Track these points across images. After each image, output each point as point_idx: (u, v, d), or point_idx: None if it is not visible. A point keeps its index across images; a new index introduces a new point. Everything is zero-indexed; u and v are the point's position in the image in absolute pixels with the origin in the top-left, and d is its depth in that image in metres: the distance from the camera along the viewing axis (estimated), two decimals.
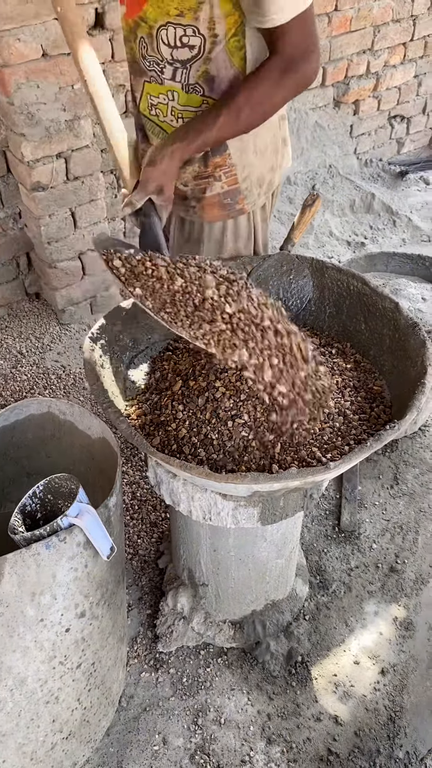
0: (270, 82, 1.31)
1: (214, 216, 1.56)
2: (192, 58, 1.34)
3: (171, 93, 1.41)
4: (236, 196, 1.52)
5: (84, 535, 1.16)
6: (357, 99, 3.65)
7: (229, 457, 1.18)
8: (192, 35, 1.31)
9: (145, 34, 1.36)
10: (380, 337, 1.40)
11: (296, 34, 1.27)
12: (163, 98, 1.43)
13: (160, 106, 1.45)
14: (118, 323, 1.41)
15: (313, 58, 1.30)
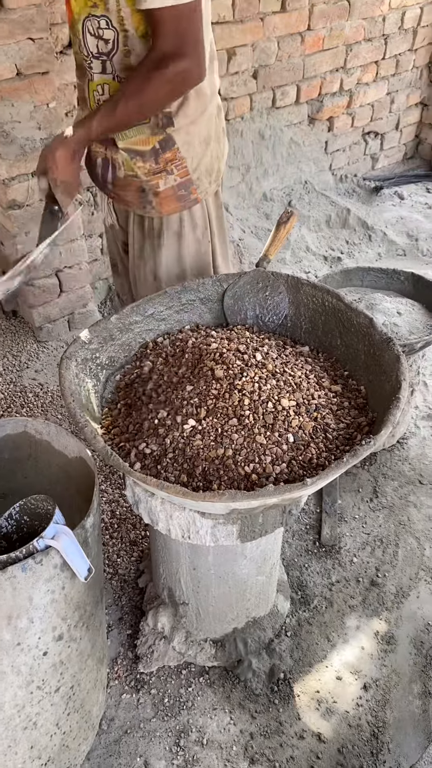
0: (140, 77, 1.36)
1: (171, 208, 1.62)
2: (110, 51, 1.40)
3: (102, 86, 1.48)
4: (189, 186, 1.59)
5: (61, 556, 1.15)
6: (331, 116, 3.71)
7: (207, 475, 1.18)
8: (106, 27, 1.38)
9: (78, 31, 1.42)
10: (356, 352, 1.41)
11: (169, 27, 1.30)
12: (99, 92, 1.48)
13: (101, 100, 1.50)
14: (95, 341, 1.41)
15: (186, 59, 1.33)
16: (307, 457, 1.19)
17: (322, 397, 1.31)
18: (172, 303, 1.55)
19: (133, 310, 1.49)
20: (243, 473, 1.17)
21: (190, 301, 1.57)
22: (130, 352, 1.50)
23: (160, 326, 1.55)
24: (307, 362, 1.40)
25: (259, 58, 3.17)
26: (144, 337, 1.53)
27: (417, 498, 2.20)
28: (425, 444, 2.41)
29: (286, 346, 1.48)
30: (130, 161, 1.54)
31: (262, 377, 1.33)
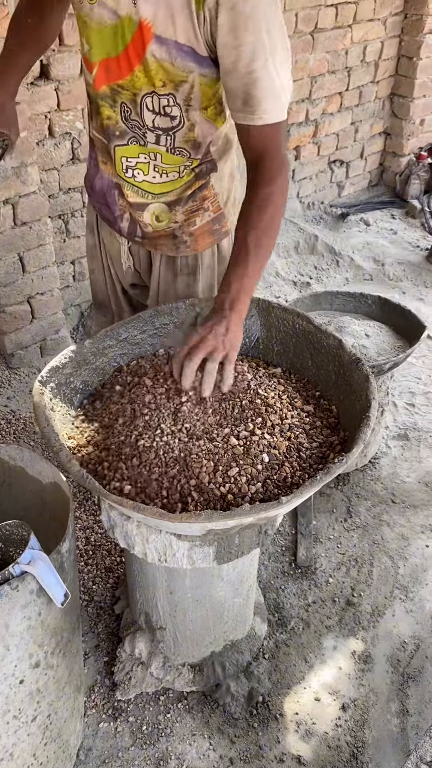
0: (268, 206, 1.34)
1: (206, 244, 1.63)
2: (174, 128, 1.40)
3: (153, 154, 1.45)
4: (221, 220, 1.61)
5: (37, 582, 1.14)
6: (298, 145, 3.80)
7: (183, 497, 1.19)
8: (173, 105, 1.36)
9: (127, 101, 1.38)
10: (326, 373, 1.44)
11: (277, 140, 1.33)
12: (144, 158, 1.46)
13: (140, 166, 1.48)
14: (68, 366, 1.41)
15: (286, 165, 1.37)
16: (282, 476, 1.20)
17: (295, 417, 1.33)
18: (146, 327, 1.57)
19: (107, 334, 1.51)
20: (219, 494, 1.18)
21: (163, 325, 1.59)
22: (104, 377, 1.51)
23: (134, 350, 1.56)
24: (279, 383, 1.42)
25: None
26: (118, 361, 1.54)
27: (390, 517, 2.23)
28: (396, 463, 2.45)
29: (259, 367, 1.50)
30: (168, 213, 1.55)
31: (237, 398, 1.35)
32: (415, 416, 2.68)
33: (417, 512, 2.25)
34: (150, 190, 1.52)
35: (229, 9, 1.18)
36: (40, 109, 2.51)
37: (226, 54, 1.24)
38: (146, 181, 1.50)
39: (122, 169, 1.50)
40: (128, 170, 1.49)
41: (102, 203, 1.64)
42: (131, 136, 1.44)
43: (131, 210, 1.57)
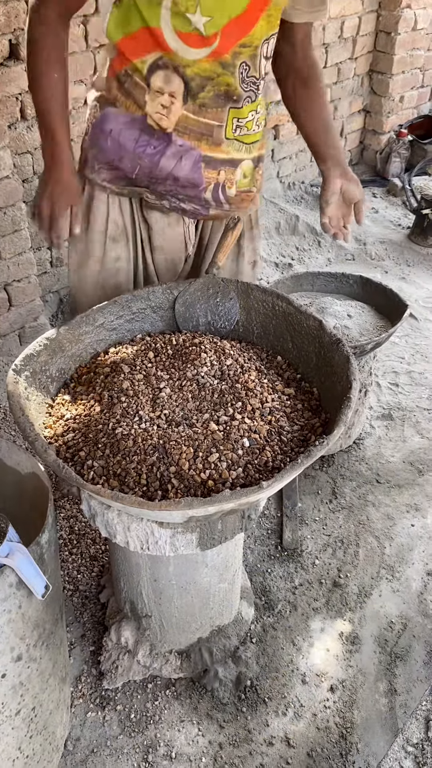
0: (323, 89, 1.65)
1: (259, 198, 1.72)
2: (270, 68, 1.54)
3: (260, 106, 1.51)
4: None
5: (16, 575, 1.12)
6: (277, 124, 3.75)
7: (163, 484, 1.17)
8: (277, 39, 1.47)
9: (248, 58, 1.40)
10: (307, 355, 1.42)
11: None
12: (251, 115, 1.50)
13: (248, 124, 1.50)
14: (44, 354, 1.38)
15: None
16: (263, 461, 1.19)
17: (275, 400, 1.31)
18: (123, 312, 1.54)
19: (83, 320, 1.47)
20: (199, 480, 1.16)
21: (141, 310, 1.56)
22: (81, 364, 1.48)
23: (111, 336, 1.53)
24: (259, 366, 1.40)
25: None
26: (95, 348, 1.51)
27: (375, 497, 2.22)
28: (381, 443, 2.45)
29: (240, 350, 1.48)
30: (253, 170, 1.59)
31: (217, 382, 1.33)
32: (398, 396, 2.67)
33: (402, 492, 2.25)
34: (250, 141, 1.54)
35: None
36: (10, 91, 2.44)
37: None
38: (248, 134, 1.52)
39: (232, 130, 1.48)
40: (237, 129, 1.49)
41: (170, 188, 1.52)
42: (246, 96, 1.45)
43: (224, 171, 1.52)
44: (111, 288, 1.66)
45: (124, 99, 1.44)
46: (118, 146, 1.48)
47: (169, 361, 1.43)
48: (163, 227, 1.62)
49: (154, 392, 1.34)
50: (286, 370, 1.44)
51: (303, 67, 1.58)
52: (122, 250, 1.64)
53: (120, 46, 1.39)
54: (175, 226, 1.62)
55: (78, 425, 1.30)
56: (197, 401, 1.32)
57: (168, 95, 1.39)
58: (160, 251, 1.66)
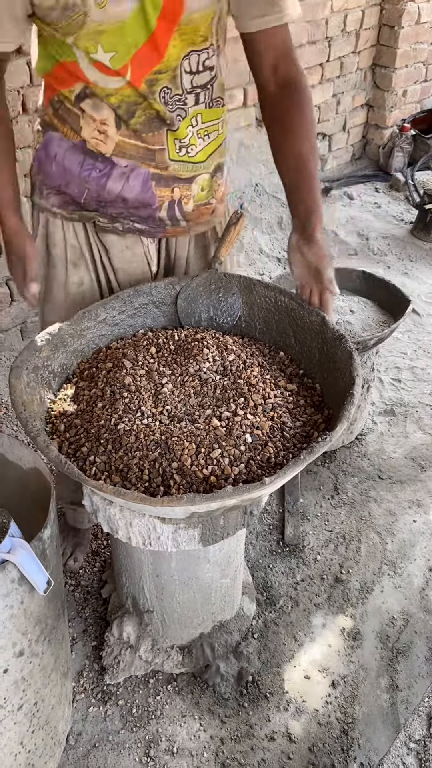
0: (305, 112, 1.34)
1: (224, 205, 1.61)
2: (211, 79, 1.34)
3: (194, 119, 1.37)
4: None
5: (18, 570, 1.12)
6: None
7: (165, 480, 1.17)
8: (212, 56, 1.31)
9: (167, 81, 1.28)
10: (310, 350, 1.42)
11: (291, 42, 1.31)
12: (190, 130, 1.37)
13: (192, 141, 1.40)
14: (45, 349, 1.38)
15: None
16: (265, 457, 1.18)
17: (278, 396, 1.30)
18: (125, 307, 1.53)
19: (85, 315, 1.47)
20: (202, 476, 1.16)
21: (143, 305, 1.55)
22: (83, 359, 1.47)
23: (113, 331, 1.53)
24: (262, 362, 1.40)
25: None
26: (97, 343, 1.50)
27: (377, 493, 2.22)
28: (383, 439, 2.44)
29: (243, 346, 1.47)
30: (211, 181, 1.48)
31: (219, 378, 1.32)
32: (401, 392, 2.67)
33: (404, 487, 2.24)
34: (199, 160, 1.43)
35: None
36: (13, 85, 2.43)
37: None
38: (197, 152, 1.41)
39: (176, 151, 1.39)
40: (181, 149, 1.39)
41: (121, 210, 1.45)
42: (176, 116, 1.33)
43: (178, 188, 1.44)
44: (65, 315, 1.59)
45: (61, 125, 1.38)
46: (64, 170, 1.41)
47: (171, 356, 1.43)
48: (120, 249, 1.54)
49: (157, 388, 1.34)
50: (288, 365, 1.43)
51: (269, 84, 1.35)
52: (84, 273, 1.56)
53: (46, 80, 1.36)
54: (134, 247, 1.54)
55: (80, 421, 1.29)
56: (199, 397, 1.31)
57: (100, 122, 1.33)
58: (123, 272, 1.58)
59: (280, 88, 1.34)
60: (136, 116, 1.32)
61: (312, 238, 1.36)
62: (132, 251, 1.54)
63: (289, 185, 1.40)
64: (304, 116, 1.34)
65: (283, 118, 1.35)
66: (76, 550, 1.94)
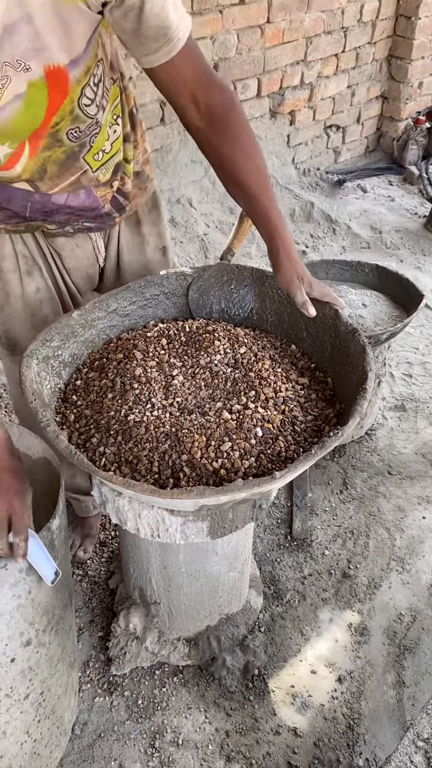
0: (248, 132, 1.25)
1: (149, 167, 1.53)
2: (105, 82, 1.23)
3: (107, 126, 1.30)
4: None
5: (26, 560, 1.12)
6: (293, 109, 3.70)
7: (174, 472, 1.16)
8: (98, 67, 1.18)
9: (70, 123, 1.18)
10: (322, 344, 1.40)
11: (198, 51, 1.17)
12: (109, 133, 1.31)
13: (112, 144, 1.33)
14: (56, 339, 1.37)
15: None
16: (276, 451, 1.17)
17: (289, 389, 1.29)
18: (136, 298, 1.52)
19: (96, 305, 1.46)
20: (211, 469, 1.15)
21: (154, 296, 1.54)
22: (93, 349, 1.47)
23: (124, 322, 1.52)
24: (273, 355, 1.39)
25: (218, 51, 3.15)
26: (108, 334, 1.50)
27: (386, 489, 2.21)
28: (393, 435, 2.43)
29: (255, 339, 1.46)
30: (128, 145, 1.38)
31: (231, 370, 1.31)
32: (412, 387, 2.65)
33: (413, 483, 2.23)
34: (116, 148, 1.35)
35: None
36: None
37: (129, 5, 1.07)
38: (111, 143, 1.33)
39: (97, 163, 1.32)
40: (99, 154, 1.31)
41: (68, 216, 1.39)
42: (90, 136, 1.25)
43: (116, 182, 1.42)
44: (39, 320, 1.55)
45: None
46: (3, 188, 1.28)
47: (182, 348, 1.42)
48: (72, 249, 1.51)
49: (167, 379, 1.33)
50: (300, 359, 1.42)
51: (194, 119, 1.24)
52: (39, 281, 1.51)
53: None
54: (84, 244, 1.51)
55: (90, 411, 1.29)
56: (210, 389, 1.30)
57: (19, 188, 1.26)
58: (76, 271, 1.56)
59: (207, 120, 1.23)
60: (49, 171, 1.24)
61: (278, 266, 1.31)
62: (82, 248, 1.52)
63: (248, 213, 1.34)
64: (240, 144, 1.25)
65: (220, 153, 1.26)
66: (84, 541, 1.94)
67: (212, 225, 3.45)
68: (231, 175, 1.28)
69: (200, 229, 3.37)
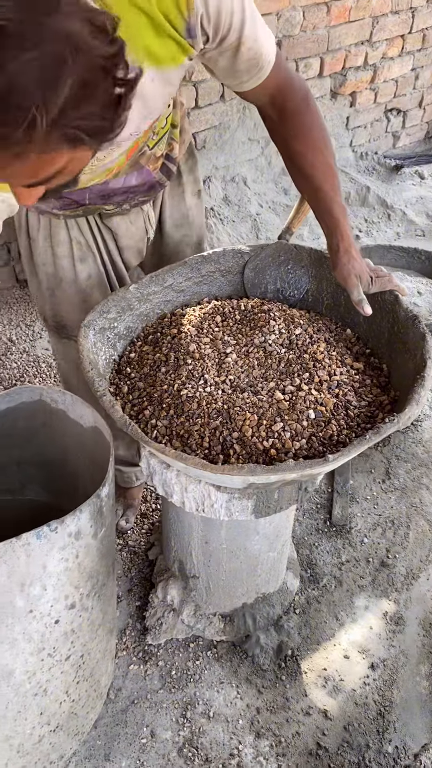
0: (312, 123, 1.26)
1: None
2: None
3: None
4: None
5: (76, 525, 1.14)
6: (354, 91, 3.63)
7: (225, 449, 1.16)
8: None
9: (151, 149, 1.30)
10: (379, 329, 1.38)
11: (282, 61, 1.20)
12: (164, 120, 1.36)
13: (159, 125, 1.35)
14: (113, 310, 1.38)
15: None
16: (328, 434, 1.17)
17: (344, 374, 1.28)
18: (192, 274, 1.52)
19: (152, 279, 1.47)
20: (262, 448, 1.15)
21: (209, 273, 1.54)
22: (147, 323, 1.48)
23: (179, 298, 1.53)
24: (329, 338, 1.37)
25: (283, 28, 3.09)
26: (162, 309, 1.50)
27: (430, 481, 2.18)
28: None
29: (310, 320, 1.45)
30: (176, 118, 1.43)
31: (285, 351, 1.31)
32: None
33: None
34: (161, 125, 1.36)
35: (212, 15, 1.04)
36: None
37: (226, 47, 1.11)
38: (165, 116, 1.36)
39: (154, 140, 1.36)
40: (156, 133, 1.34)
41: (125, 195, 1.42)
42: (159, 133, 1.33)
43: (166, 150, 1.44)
44: (89, 306, 1.56)
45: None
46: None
47: (236, 326, 1.42)
48: (126, 227, 1.52)
49: (220, 357, 1.33)
50: (355, 344, 1.41)
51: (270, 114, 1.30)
52: (92, 267, 1.54)
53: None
54: (137, 220, 1.53)
55: (143, 384, 1.30)
56: (263, 369, 1.30)
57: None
58: (128, 249, 1.57)
59: (280, 115, 1.28)
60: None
61: (336, 262, 1.31)
62: (135, 225, 1.53)
63: (311, 205, 1.36)
64: (310, 140, 1.28)
65: (290, 147, 1.30)
66: (127, 511, 1.97)
67: (265, 205, 3.42)
68: (298, 167, 1.31)
69: (253, 208, 3.34)
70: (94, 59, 0.71)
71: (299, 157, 1.29)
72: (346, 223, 1.31)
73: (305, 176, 1.31)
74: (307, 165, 1.29)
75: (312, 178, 1.30)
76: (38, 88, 0.66)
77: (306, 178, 1.31)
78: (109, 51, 0.73)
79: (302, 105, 1.25)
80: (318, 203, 1.32)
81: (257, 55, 1.14)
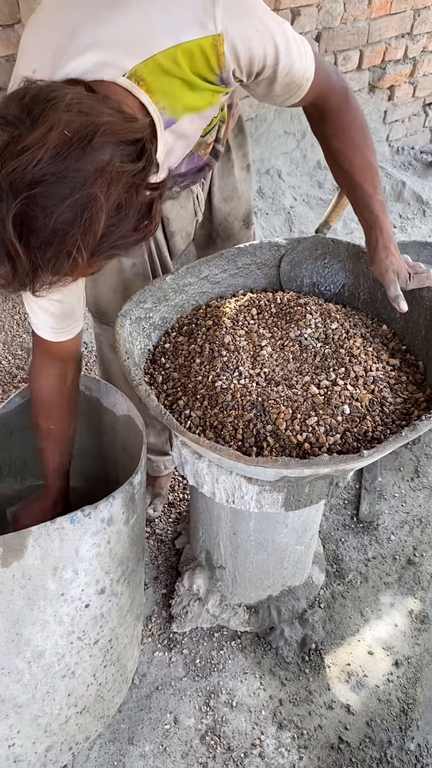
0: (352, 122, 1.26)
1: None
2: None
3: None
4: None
5: (109, 511, 1.16)
6: (392, 84, 3.59)
7: (258, 442, 1.17)
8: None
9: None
10: (416, 326, 1.37)
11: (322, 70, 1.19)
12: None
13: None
14: (149, 300, 1.39)
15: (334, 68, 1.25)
16: (362, 430, 1.16)
17: (380, 369, 1.28)
18: (228, 266, 1.53)
19: (188, 270, 1.47)
20: (295, 441, 1.15)
21: (245, 265, 1.54)
22: (182, 314, 1.48)
23: (214, 289, 1.53)
24: (365, 333, 1.37)
25: (323, 20, 3.06)
26: (197, 300, 1.51)
27: None
28: None
29: (346, 315, 1.44)
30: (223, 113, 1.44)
31: (320, 345, 1.31)
32: None
33: None
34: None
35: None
36: None
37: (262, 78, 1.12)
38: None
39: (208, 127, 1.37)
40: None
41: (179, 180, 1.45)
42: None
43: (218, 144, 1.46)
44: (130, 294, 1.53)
45: None
46: None
47: (272, 319, 1.42)
48: (177, 212, 1.53)
49: (255, 349, 1.33)
50: (391, 340, 1.40)
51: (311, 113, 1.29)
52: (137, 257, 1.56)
53: None
54: (186, 204, 1.54)
55: (178, 375, 1.31)
56: (298, 363, 1.30)
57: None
58: (177, 233, 1.57)
59: (321, 115, 1.27)
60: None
61: (374, 257, 1.31)
62: (185, 209, 1.55)
63: (350, 200, 1.36)
64: (350, 137, 1.27)
65: (331, 144, 1.29)
66: (155, 500, 1.99)
67: (299, 198, 3.40)
68: (338, 164, 1.30)
69: (287, 201, 3.33)
70: (125, 182, 0.77)
71: (339, 155, 1.29)
72: (385, 219, 1.30)
73: (345, 173, 1.31)
74: (346, 162, 1.29)
75: (351, 174, 1.30)
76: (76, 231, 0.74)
77: (345, 174, 1.31)
78: (139, 167, 0.78)
79: (343, 105, 1.24)
80: (357, 199, 1.32)
81: (294, 79, 1.13)
